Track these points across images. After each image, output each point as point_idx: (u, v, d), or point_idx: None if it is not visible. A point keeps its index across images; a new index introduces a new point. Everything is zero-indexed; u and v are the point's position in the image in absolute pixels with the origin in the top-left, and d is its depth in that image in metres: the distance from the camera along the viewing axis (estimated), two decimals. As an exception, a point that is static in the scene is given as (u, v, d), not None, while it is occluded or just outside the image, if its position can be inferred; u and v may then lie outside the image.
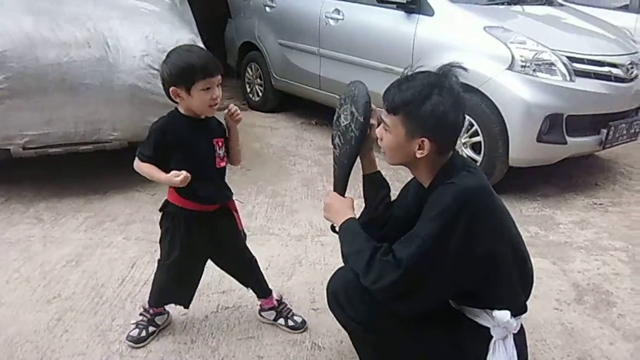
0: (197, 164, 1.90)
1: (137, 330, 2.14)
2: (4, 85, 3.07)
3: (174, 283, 2.12)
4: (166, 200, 2.03)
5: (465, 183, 1.47)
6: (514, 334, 1.59)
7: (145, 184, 3.72)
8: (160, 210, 2.06)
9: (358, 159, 1.79)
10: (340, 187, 1.82)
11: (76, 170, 3.83)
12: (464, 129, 3.59)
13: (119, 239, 2.97)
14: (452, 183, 1.47)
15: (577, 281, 2.67)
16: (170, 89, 1.85)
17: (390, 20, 4.08)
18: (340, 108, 1.80)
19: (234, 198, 2.10)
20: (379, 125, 1.65)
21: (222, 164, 2.02)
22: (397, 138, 1.54)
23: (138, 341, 2.11)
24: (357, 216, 1.76)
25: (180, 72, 1.82)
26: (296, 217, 3.31)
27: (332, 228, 1.79)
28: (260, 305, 2.28)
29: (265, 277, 2.27)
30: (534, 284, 1.69)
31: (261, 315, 2.28)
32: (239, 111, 2.00)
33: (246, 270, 2.22)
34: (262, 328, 2.24)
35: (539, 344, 2.19)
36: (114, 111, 3.32)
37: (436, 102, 1.46)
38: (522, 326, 1.66)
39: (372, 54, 4.19)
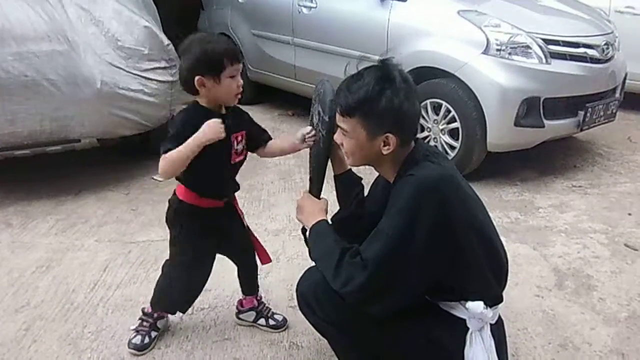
0: (212, 159, 1.79)
1: (139, 337, 2.05)
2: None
3: (187, 284, 2.02)
4: (175, 198, 1.93)
5: (424, 174, 1.45)
6: (491, 325, 1.56)
7: (119, 183, 3.63)
8: (169, 208, 1.95)
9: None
10: (315, 188, 1.78)
11: (46, 172, 3.71)
12: (440, 115, 3.56)
13: (90, 242, 2.88)
14: (412, 175, 1.44)
15: (558, 266, 2.65)
16: (196, 78, 1.73)
17: (363, 6, 4.01)
18: (312, 107, 1.78)
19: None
20: None
21: (238, 159, 1.92)
22: (358, 140, 1.51)
23: (142, 348, 2.03)
24: (332, 216, 1.71)
25: (209, 59, 1.71)
26: (273, 212, 3.25)
27: (303, 230, 1.73)
28: (239, 308, 2.21)
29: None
30: (515, 271, 1.66)
31: (239, 318, 2.21)
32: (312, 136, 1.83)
33: (251, 265, 2.15)
34: (239, 329, 2.19)
35: (521, 333, 2.16)
36: (81, 107, 3.20)
37: (390, 95, 1.45)
38: (500, 317, 1.63)
39: (346, 41, 4.11)
